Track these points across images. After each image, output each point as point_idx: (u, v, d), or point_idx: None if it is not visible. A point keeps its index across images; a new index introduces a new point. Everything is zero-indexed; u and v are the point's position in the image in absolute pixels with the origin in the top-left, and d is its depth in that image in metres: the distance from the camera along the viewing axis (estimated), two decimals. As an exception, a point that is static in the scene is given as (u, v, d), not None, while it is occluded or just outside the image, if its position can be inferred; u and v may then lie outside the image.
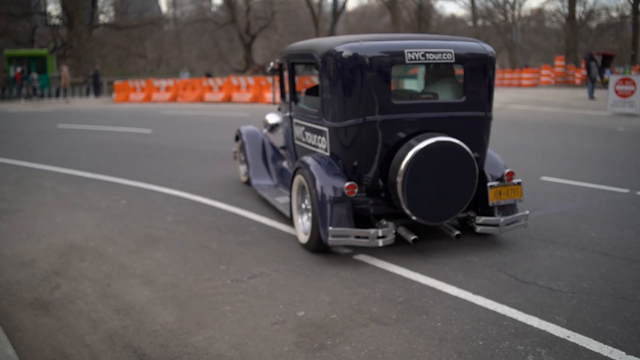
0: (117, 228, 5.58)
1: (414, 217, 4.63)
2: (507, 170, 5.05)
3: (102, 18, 59.31)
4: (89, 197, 6.92)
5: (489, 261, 4.50)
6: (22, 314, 3.80)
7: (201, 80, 26.59)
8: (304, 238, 4.96)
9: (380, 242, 4.54)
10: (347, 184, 4.63)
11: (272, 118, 7.47)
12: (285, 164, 6.85)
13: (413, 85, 7.23)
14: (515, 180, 5.03)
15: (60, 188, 7.52)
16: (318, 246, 4.75)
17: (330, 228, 4.51)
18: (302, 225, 5.05)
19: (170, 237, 5.25)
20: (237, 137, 7.59)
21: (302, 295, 3.91)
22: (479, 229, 4.87)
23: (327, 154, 5.03)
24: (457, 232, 4.77)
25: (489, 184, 4.94)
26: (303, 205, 5.11)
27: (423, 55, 4.78)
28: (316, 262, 4.54)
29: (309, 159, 4.98)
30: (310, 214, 4.85)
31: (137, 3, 70.78)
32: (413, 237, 4.59)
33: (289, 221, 5.59)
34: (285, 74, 6.09)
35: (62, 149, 11.10)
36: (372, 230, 4.53)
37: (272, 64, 6.83)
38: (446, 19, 66.17)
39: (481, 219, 4.86)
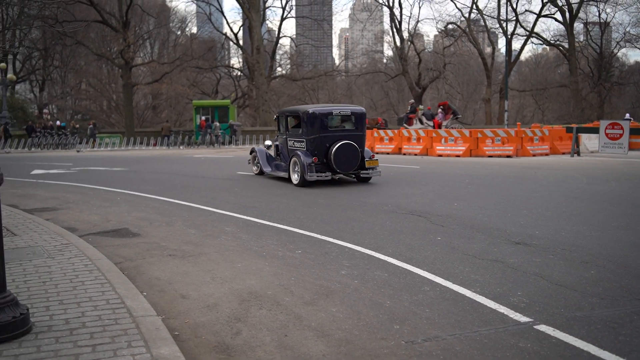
0: (293, 278, 5.76)
1: (337, 170, 12.97)
2: (372, 154, 13.52)
3: (280, 70, 62.97)
4: (267, 245, 7.23)
5: (692, 344, 4.03)
6: (207, 356, 4.02)
7: (372, 131, 27.10)
8: (295, 182, 13.11)
9: (325, 178, 12.88)
10: (313, 158, 12.78)
11: (268, 142, 16.66)
12: (276, 162, 14.99)
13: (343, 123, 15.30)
14: (375, 158, 13.50)
15: (240, 234, 7.94)
16: (303, 183, 12.78)
17: (307, 173, 12.62)
18: (295, 177, 13.16)
19: (344, 291, 5.31)
20: (252, 152, 16.26)
21: (480, 365, 3.75)
22: (362, 175, 13.26)
23: (305, 149, 13.09)
24: (354, 178, 13.65)
25: (365, 159, 13.21)
26: (295, 169, 13.15)
27: (339, 112, 13.46)
28: (494, 330, 4.34)
29: (298, 151, 13.11)
30: (298, 173, 12.97)
31: (312, 56, 74.41)
32: (338, 176, 13.58)
33: (464, 283, 5.47)
34: (283, 121, 14.64)
35: (240, 196, 11.77)
36: (322, 174, 12.77)
37: (275, 116, 15.60)
38: (630, 67, 62.14)
39: (362, 172, 13.23)
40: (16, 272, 5.71)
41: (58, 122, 40.71)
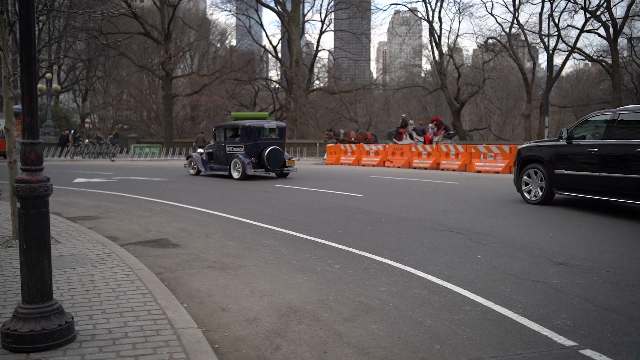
0: (332, 293, 5.74)
1: (269, 168, 19.35)
2: (290, 156, 20.84)
3: (318, 83, 63.23)
4: (305, 259, 7.23)
5: None
6: (247, 371, 4.02)
7: (410, 147, 27.00)
8: (236, 177, 19.27)
9: (261, 173, 19.93)
10: (251, 158, 19.00)
11: (200, 150, 22.22)
12: (210, 164, 21.13)
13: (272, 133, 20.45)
14: (293, 159, 20.65)
15: (279, 247, 7.96)
16: (244, 177, 18.96)
17: (248, 170, 18.86)
18: (236, 174, 19.32)
19: (383, 308, 5.27)
20: (188, 157, 22.46)
21: (524, 389, 3.68)
22: (284, 171, 19.93)
23: (244, 152, 19.27)
24: (278, 174, 20.38)
25: (286, 160, 19.87)
26: (236, 168, 19.36)
27: (268, 126, 19.99)
28: (537, 353, 4.25)
29: (238, 154, 19.35)
30: (239, 171, 19.17)
31: (350, 69, 74.57)
32: (271, 174, 20.29)
33: (506, 303, 5.38)
34: (218, 132, 21.36)
35: (278, 209, 11.81)
36: (258, 170, 19.32)
37: (213, 129, 22.20)
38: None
39: (285, 169, 19.88)
40: (60, 280, 5.82)
41: (73, 131, 41.75)
